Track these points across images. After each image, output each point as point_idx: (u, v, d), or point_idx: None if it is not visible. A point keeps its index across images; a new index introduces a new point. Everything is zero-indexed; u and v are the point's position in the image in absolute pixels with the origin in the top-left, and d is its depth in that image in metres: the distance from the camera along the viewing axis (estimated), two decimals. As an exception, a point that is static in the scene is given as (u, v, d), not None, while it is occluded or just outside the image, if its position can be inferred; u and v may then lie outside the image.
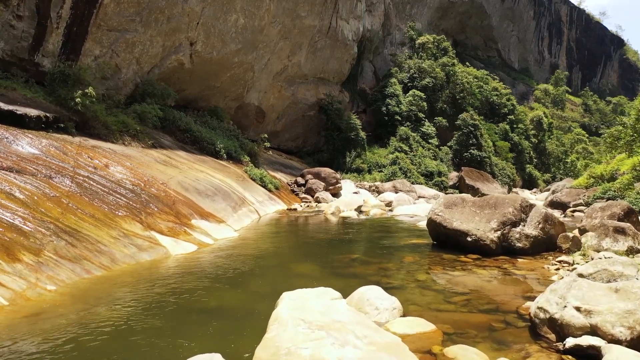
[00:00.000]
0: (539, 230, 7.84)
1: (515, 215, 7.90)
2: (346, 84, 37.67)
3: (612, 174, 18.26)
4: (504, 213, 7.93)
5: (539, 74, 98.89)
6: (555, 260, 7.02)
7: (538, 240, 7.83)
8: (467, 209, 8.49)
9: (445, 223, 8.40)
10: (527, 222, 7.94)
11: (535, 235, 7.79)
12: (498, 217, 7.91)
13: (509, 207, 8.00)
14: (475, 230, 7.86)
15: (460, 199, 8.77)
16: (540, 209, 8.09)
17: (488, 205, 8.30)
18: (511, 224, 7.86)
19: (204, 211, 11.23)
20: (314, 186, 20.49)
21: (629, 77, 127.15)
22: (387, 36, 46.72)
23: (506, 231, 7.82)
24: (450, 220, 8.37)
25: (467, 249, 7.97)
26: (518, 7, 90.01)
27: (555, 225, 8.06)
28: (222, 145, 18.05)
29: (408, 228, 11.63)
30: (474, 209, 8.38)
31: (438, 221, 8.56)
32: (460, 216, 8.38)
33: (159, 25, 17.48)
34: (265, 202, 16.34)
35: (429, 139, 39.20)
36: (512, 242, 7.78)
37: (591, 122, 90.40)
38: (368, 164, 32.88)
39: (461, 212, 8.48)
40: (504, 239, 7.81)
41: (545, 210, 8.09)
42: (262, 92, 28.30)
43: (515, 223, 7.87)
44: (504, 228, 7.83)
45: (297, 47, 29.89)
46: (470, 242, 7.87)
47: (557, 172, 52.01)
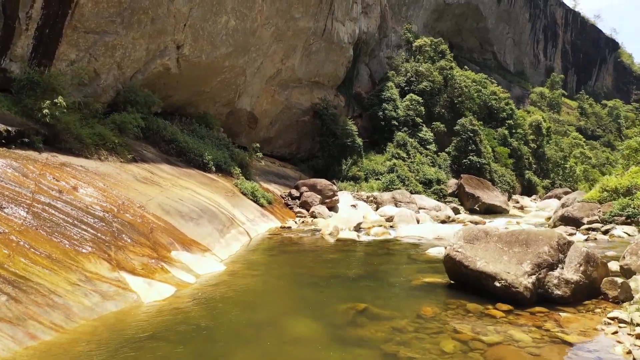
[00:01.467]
0: (580, 274, 6.60)
1: (552, 256, 6.65)
2: (341, 87, 36.45)
3: (627, 188, 17.12)
4: (538, 253, 6.67)
5: (534, 77, 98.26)
6: (608, 317, 5.79)
7: (579, 286, 6.58)
8: (492, 245, 7.24)
9: (467, 262, 7.14)
10: (565, 263, 6.70)
11: (577, 280, 6.54)
12: (531, 258, 6.66)
13: (543, 245, 6.75)
14: (504, 274, 6.60)
15: (484, 232, 7.51)
16: (580, 248, 6.85)
17: (518, 241, 7.04)
18: (548, 266, 6.61)
19: (186, 238, 9.91)
20: (309, 199, 19.20)
21: (624, 80, 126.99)
22: (384, 38, 45.53)
23: (542, 275, 6.57)
24: (472, 259, 7.11)
25: (494, 295, 6.72)
26: (514, 10, 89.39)
27: (597, 266, 6.82)
28: (211, 157, 16.73)
29: (416, 257, 10.35)
30: (501, 246, 7.13)
31: (458, 259, 7.30)
32: (484, 254, 7.13)
33: (143, 27, 16.14)
34: (257, 219, 15.03)
35: (427, 145, 38.03)
36: (550, 288, 6.53)
37: (587, 126, 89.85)
38: (365, 172, 31.65)
39: (485, 249, 7.22)
40: (539, 285, 6.56)
41: (586, 249, 6.84)
42: (255, 97, 27.02)
43: (552, 265, 6.63)
44: (540, 271, 6.57)
45: (291, 50, 28.62)
46: (499, 287, 6.62)
47: (556, 177, 51.02)
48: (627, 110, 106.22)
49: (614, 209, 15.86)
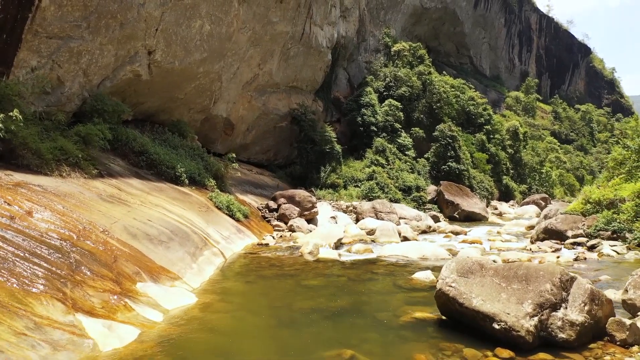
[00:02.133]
0: (585, 314, 6.04)
1: (554, 295, 6.09)
2: (320, 92, 35.83)
3: (611, 201, 16.87)
4: (540, 291, 6.10)
5: (509, 81, 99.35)
6: (621, 367, 5.27)
7: (585, 328, 6.02)
8: (489, 279, 6.65)
9: (461, 299, 6.54)
10: (569, 302, 6.14)
11: (582, 321, 5.98)
12: (533, 297, 6.08)
13: (545, 282, 6.19)
14: (504, 315, 6.01)
15: (478, 265, 6.92)
16: (583, 284, 6.30)
17: (516, 277, 6.47)
18: (550, 306, 6.05)
19: (154, 266, 9.12)
20: (287, 212, 18.48)
21: (595, 85, 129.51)
22: (362, 43, 45.14)
23: (545, 317, 6.00)
24: (468, 295, 6.51)
25: (492, 337, 6.14)
26: (490, 14, 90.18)
27: (602, 304, 6.29)
28: (184, 169, 15.88)
29: (402, 283, 9.71)
30: (498, 281, 6.54)
31: (452, 295, 6.69)
32: (480, 290, 6.53)
33: (111, 31, 15.22)
34: (232, 236, 14.25)
35: (406, 151, 37.69)
36: (554, 331, 5.96)
37: (561, 130, 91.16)
38: (344, 179, 31.08)
39: (481, 284, 6.63)
40: (542, 328, 5.98)
41: (590, 286, 6.30)
42: (231, 103, 26.20)
43: (555, 305, 6.06)
44: (542, 312, 6.00)
45: (269, 55, 27.89)
46: (498, 330, 6.02)
47: (532, 182, 51.32)
48: (599, 115, 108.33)
49: (599, 223, 15.57)
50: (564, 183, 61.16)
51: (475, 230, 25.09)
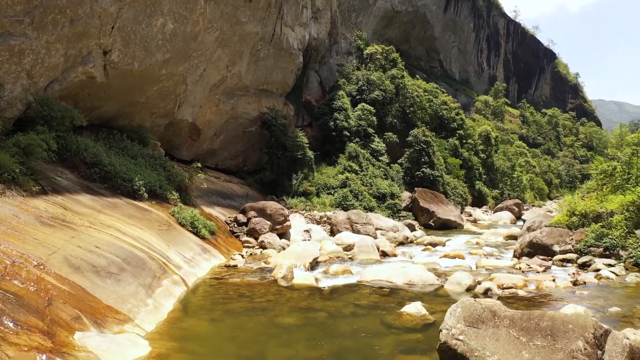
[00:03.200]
0: (625, 378, 4.97)
1: (589, 355, 4.99)
2: (291, 95, 34.53)
3: (597, 213, 16.13)
4: (571, 352, 4.98)
5: (478, 86, 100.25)
6: None
7: (626, 396, 4.95)
8: (504, 332, 5.51)
9: (472, 357, 5.38)
10: (605, 363, 5.05)
11: (623, 389, 4.90)
12: (562, 358, 4.97)
13: (576, 339, 5.08)
14: (529, 382, 4.88)
15: (490, 312, 5.77)
16: (620, 339, 5.22)
17: (539, 330, 5.34)
18: (584, 370, 4.94)
19: (100, 306, 7.67)
20: (257, 226, 17.10)
21: (560, 90, 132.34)
22: (334, 45, 44.03)
23: (579, 384, 4.89)
24: (481, 353, 5.35)
25: (513, 408, 5.01)
26: (459, 19, 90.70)
27: (642, 363, 5.23)
28: (143, 182, 14.34)
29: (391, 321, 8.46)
30: (516, 334, 5.41)
31: (460, 351, 5.52)
32: (495, 345, 5.38)
33: (59, 28, 13.60)
34: (197, 258, 12.82)
35: (380, 157, 36.75)
36: (590, 403, 4.87)
37: (529, 134, 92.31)
38: (316, 186, 29.83)
39: (495, 338, 5.49)
40: (575, 398, 4.87)
41: (628, 342, 5.22)
42: (197, 107, 24.67)
43: (590, 368, 4.97)
44: (575, 379, 4.89)
45: (238, 56, 26.44)
46: (522, 401, 4.90)
47: (504, 187, 51.16)
48: (564, 119, 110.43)
49: (588, 238, 14.77)
50: (534, 187, 61.45)
51: (453, 240, 24.24)
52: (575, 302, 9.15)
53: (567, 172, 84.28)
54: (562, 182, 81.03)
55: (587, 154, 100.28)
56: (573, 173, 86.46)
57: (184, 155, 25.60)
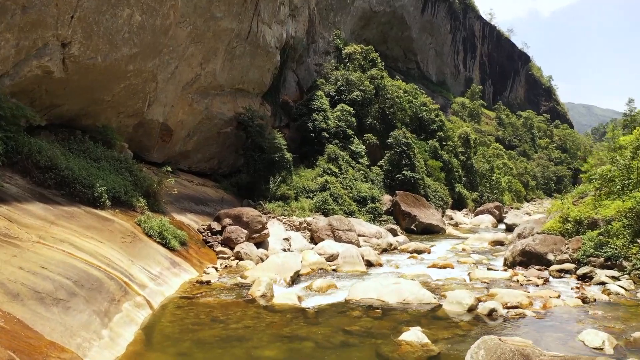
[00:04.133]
0: None
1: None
2: (268, 95, 33.24)
3: (593, 220, 15.32)
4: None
5: (455, 87, 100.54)
6: None
7: None
8: (541, 382, 4.44)
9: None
10: None
11: None
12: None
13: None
14: None
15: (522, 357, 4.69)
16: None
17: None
18: None
19: (41, 343, 6.34)
20: (233, 235, 15.80)
21: (534, 92, 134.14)
22: (312, 44, 42.88)
23: None
24: (515, 412, 4.26)
25: None
26: (436, 20, 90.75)
27: None
28: (105, 188, 12.93)
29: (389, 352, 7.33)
30: (557, 387, 4.33)
31: (488, 408, 4.43)
32: (532, 401, 4.30)
33: (9, 16, 12.15)
34: (165, 274, 11.49)
35: (359, 159, 35.73)
36: None
37: (505, 136, 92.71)
38: (295, 190, 28.60)
39: (531, 391, 4.40)
40: None
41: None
42: (169, 106, 23.23)
43: None
44: None
45: (212, 54, 25.06)
46: None
47: (484, 190, 50.72)
48: (539, 121, 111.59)
49: (586, 247, 13.93)
50: (512, 189, 61.35)
51: (437, 246, 23.37)
52: (591, 325, 8.20)
53: (542, 174, 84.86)
54: (537, 184, 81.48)
55: (561, 156, 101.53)
56: (548, 175, 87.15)
57: (155, 158, 24.13)
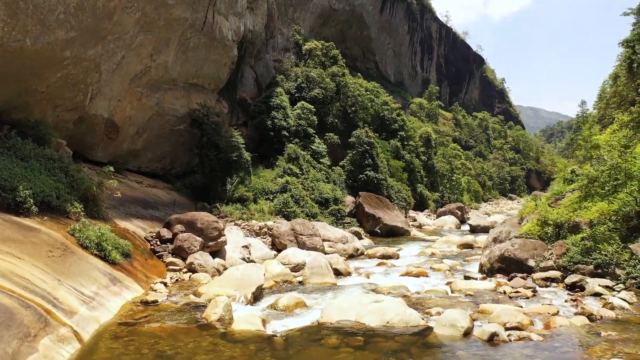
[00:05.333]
0: None
1: None
2: (224, 91, 31.37)
3: (574, 223, 14.42)
4: None
5: (412, 88, 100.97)
6: None
7: None
8: None
9: None
10: None
11: None
12: None
13: None
14: None
15: None
16: None
17: None
18: None
19: None
20: (185, 244, 14.00)
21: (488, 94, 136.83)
22: (270, 40, 41.18)
23: None
24: None
25: None
26: (395, 21, 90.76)
27: None
28: (31, 191, 10.94)
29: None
30: None
31: None
32: None
33: None
34: (102, 294, 9.64)
35: (321, 159, 34.32)
36: None
37: (461, 137, 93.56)
38: (254, 191, 26.88)
39: None
40: None
41: None
42: (115, 100, 21.17)
43: None
44: None
45: (164, 44, 23.09)
46: None
47: (444, 190, 50.31)
48: (493, 122, 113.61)
49: (573, 253, 12.95)
50: (471, 190, 61.48)
51: (405, 250, 22.26)
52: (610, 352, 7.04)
53: (498, 174, 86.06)
54: (493, 184, 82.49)
55: (515, 157, 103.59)
56: (503, 175, 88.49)
57: (99, 157, 21.98)
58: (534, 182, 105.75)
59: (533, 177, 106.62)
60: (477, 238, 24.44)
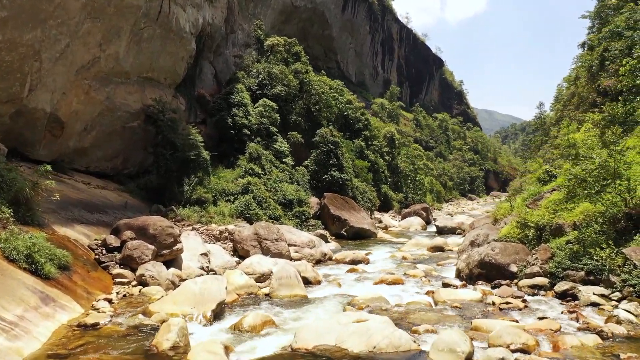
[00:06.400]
0: None
1: None
2: (182, 87, 29.54)
3: (557, 225, 13.62)
4: None
5: (374, 89, 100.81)
6: None
7: None
8: None
9: None
10: None
11: None
12: None
13: None
14: None
15: None
16: None
17: None
18: None
19: None
20: (135, 253, 12.38)
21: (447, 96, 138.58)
22: (230, 34, 39.48)
23: None
24: None
25: None
26: (356, 20, 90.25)
27: None
28: (-56, 195, 9.17)
29: None
30: None
31: None
32: None
33: None
34: (30, 316, 8.01)
35: (284, 158, 32.93)
36: None
37: (422, 137, 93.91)
38: (213, 193, 25.26)
39: None
40: None
41: None
42: (59, 93, 19.25)
43: None
44: None
45: (114, 34, 21.23)
46: None
47: (408, 191, 49.73)
48: (453, 124, 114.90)
49: (559, 258, 12.10)
50: (433, 190, 61.33)
51: (374, 253, 21.23)
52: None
53: (458, 174, 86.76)
54: (454, 185, 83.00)
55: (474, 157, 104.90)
56: (462, 175, 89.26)
57: (42, 155, 19.92)
58: (492, 183, 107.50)
59: (491, 178, 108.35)
60: (448, 240, 23.66)
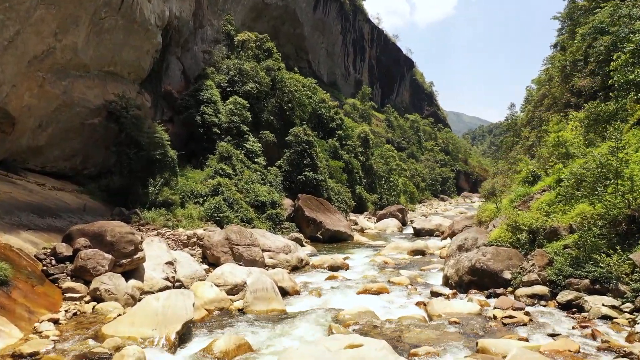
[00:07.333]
0: None
1: None
2: (147, 83, 27.84)
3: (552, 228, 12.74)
4: None
5: (345, 89, 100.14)
6: None
7: None
8: None
9: None
10: None
11: None
12: None
13: None
14: None
15: None
16: None
17: None
18: None
19: None
20: (89, 263, 10.88)
21: (418, 97, 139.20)
22: (199, 29, 37.87)
23: None
24: None
25: None
26: (328, 20, 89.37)
27: None
28: None
29: None
30: None
31: None
32: None
33: None
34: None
35: (255, 158, 31.54)
36: None
37: (394, 138, 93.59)
38: (181, 194, 23.73)
39: None
40: None
41: None
42: (9, 86, 17.53)
43: None
44: None
45: (72, 22, 19.55)
46: None
47: (382, 192, 48.89)
48: (424, 125, 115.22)
49: (559, 265, 11.19)
50: (407, 191, 60.75)
51: (353, 258, 20.12)
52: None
53: (429, 175, 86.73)
54: (426, 186, 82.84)
55: (445, 158, 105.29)
56: (434, 176, 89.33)
57: (-11, 155, 18.16)
58: (463, 183, 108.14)
59: (462, 179, 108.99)
60: (428, 243, 22.72)
